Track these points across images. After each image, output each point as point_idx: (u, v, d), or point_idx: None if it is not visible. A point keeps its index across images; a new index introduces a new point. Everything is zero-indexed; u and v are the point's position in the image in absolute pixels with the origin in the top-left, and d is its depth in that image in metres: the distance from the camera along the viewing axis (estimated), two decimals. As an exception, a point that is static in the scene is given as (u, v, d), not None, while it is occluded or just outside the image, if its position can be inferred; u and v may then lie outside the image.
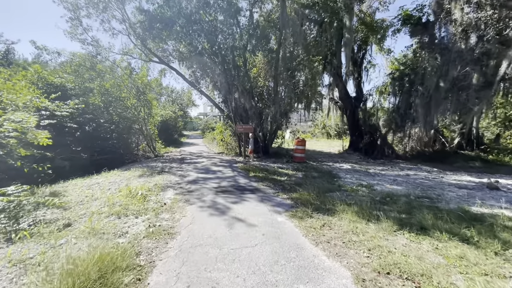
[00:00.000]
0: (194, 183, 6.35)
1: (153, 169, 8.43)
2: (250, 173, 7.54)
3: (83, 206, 4.54)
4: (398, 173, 8.53)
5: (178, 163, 9.90)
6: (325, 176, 7.57)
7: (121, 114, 12.29)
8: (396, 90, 11.94)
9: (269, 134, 12.50)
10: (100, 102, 11.81)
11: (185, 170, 8.17)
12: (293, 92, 10.68)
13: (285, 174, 7.69)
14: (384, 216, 3.89)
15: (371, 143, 13.29)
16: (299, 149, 10.75)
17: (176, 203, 4.81)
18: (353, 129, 14.44)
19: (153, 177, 7.04)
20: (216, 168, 8.44)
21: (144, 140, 13.95)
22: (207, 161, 10.25)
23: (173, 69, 13.38)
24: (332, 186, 6.17)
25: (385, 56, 15.33)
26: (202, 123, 36.60)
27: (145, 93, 12.53)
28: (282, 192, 5.64)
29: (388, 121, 12.87)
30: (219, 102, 13.75)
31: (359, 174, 8.18)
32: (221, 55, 10.48)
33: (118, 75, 12.43)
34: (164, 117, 19.51)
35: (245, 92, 11.31)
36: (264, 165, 9.39)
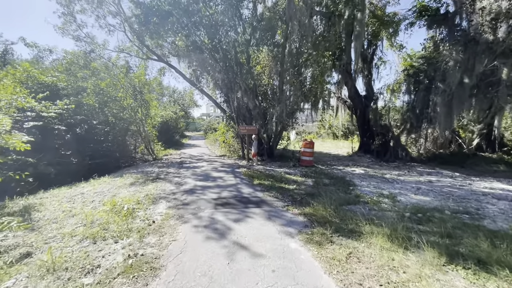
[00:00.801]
0: (191, 193, 5.58)
1: (148, 175, 7.69)
2: (254, 180, 6.75)
3: (55, 226, 3.79)
4: (418, 179, 7.68)
5: (176, 168, 9.15)
6: (338, 183, 6.75)
7: (117, 115, 11.59)
8: (411, 87, 11.06)
9: (274, 135, 11.70)
10: (94, 103, 11.12)
11: (182, 177, 7.41)
12: (300, 90, 9.87)
13: (293, 181, 6.88)
14: (423, 241, 3.08)
15: (383, 145, 12.42)
16: (307, 152, 9.94)
17: (168, 220, 4.04)
18: (363, 129, 13.57)
19: (145, 186, 6.29)
20: (216, 174, 7.66)
21: (142, 143, 13.24)
22: (207, 166, 9.48)
23: (172, 67, 12.67)
24: (349, 197, 5.35)
25: (396, 52, 14.43)
26: (205, 124, 35.90)
27: (143, 93, 11.82)
28: (292, 205, 4.84)
29: (402, 121, 11.99)
30: (221, 102, 13.00)
31: (376, 181, 7.34)
32: (222, 50, 9.72)
33: (114, 73, 11.73)
34: (165, 117, 18.82)
35: (248, 91, 10.53)
36: (269, 170, 8.60)
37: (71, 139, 8.79)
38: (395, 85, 13.36)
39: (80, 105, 10.17)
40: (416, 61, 11.94)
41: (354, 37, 9.81)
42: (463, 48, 8.09)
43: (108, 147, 10.12)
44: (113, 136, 11.01)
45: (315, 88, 10.57)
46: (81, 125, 9.21)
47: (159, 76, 14.92)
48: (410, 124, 11.25)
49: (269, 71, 11.81)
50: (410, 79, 10.93)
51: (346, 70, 12.15)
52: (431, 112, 10.23)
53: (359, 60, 11.37)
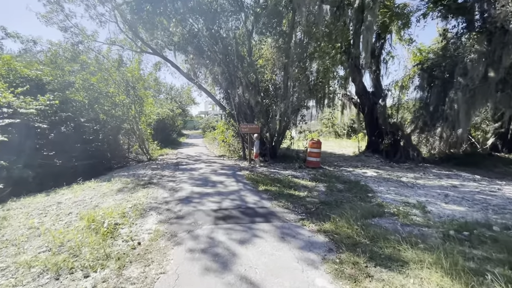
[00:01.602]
0: (187, 203, 4.79)
1: (139, 179, 6.88)
2: (259, 185, 5.96)
3: (12, 251, 2.99)
4: (440, 183, 6.93)
5: (171, 170, 8.34)
6: (354, 188, 5.99)
7: (109, 112, 10.75)
8: (425, 83, 10.29)
9: (278, 134, 10.92)
10: (84, 99, 10.28)
11: (178, 181, 6.61)
12: (307, 84, 9.07)
13: (303, 186, 6.10)
14: (490, 275, 2.31)
15: (393, 145, 11.66)
16: (314, 152, 9.17)
17: (157, 240, 3.26)
18: (371, 128, 12.81)
19: (135, 193, 5.49)
20: (216, 178, 6.86)
21: (136, 142, 12.41)
22: (206, 167, 8.69)
23: (167, 60, 11.82)
24: (371, 207, 4.58)
25: (405, 46, 13.69)
26: (203, 122, 35.04)
27: (136, 88, 10.97)
28: (307, 218, 4.06)
29: (413, 119, 11.24)
30: (220, 98, 12.17)
31: (394, 185, 6.58)
32: (221, 41, 8.89)
33: (105, 67, 10.87)
34: (161, 115, 17.95)
35: (250, 86, 9.72)
36: (274, 173, 7.82)
37: (56, 138, 7.96)
38: (405, 81, 12.63)
39: (66, 101, 9.33)
40: (433, 52, 11.19)
41: (365, 27, 9.01)
42: (488, 38, 7.33)
43: (98, 147, 9.30)
44: (104, 135, 10.18)
45: (323, 83, 9.78)
46: (67, 123, 8.37)
47: (154, 71, 14.07)
48: (423, 122, 10.50)
49: (272, 66, 11.01)
50: (424, 73, 10.17)
51: (355, 64, 11.36)
52: (447, 109, 9.48)
53: (369, 53, 10.56)
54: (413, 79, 12.56)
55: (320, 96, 10.88)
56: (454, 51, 8.70)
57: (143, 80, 13.31)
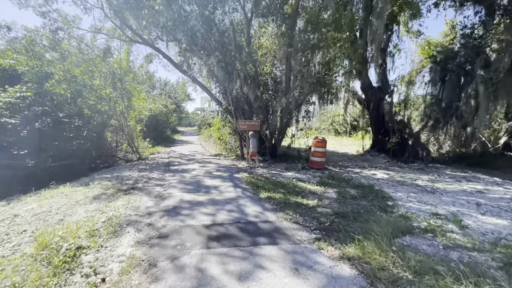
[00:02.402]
0: (174, 215, 3.95)
1: (123, 182, 6.01)
2: (260, 191, 5.14)
3: None
4: (462, 188, 6.19)
5: (161, 171, 7.48)
6: (368, 194, 5.21)
7: (94, 107, 9.82)
8: (437, 77, 9.53)
9: (278, 132, 10.10)
10: (66, 92, 9.33)
11: (166, 185, 5.75)
12: (313, 77, 8.24)
13: (310, 192, 5.30)
14: None
15: (401, 143, 10.92)
16: (319, 152, 8.38)
17: (128, 274, 2.42)
18: (377, 125, 12.06)
19: (114, 201, 4.63)
20: (210, 182, 6.02)
21: (126, 139, 11.49)
22: (199, 169, 7.84)
23: (159, 51, 10.87)
24: (396, 220, 3.79)
25: (413, 39, 12.90)
26: (199, 119, 34.06)
27: (124, 81, 10.04)
28: (323, 237, 3.25)
29: (423, 116, 10.51)
30: (216, 93, 11.29)
31: (412, 190, 5.82)
32: (216, 28, 7.99)
33: (90, 57, 9.91)
34: (153, 111, 16.99)
35: (248, 79, 8.86)
36: (276, 175, 7.01)
37: (29, 135, 7.03)
38: (412, 75, 11.89)
39: (43, 94, 8.37)
40: (441, 46, 10.42)
41: (375, 15, 8.20)
42: (515, 25, 6.56)
43: (80, 145, 8.38)
44: (88, 131, 9.24)
45: (328, 76, 8.96)
46: (42, 118, 7.43)
47: (146, 63, 13.10)
48: (435, 120, 9.77)
49: (272, 58, 10.15)
50: (436, 67, 9.40)
51: (362, 56, 10.55)
52: (462, 105, 8.75)
53: (378, 45, 9.76)
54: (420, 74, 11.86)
55: (324, 91, 10.06)
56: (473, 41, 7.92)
57: (133, 73, 12.37)
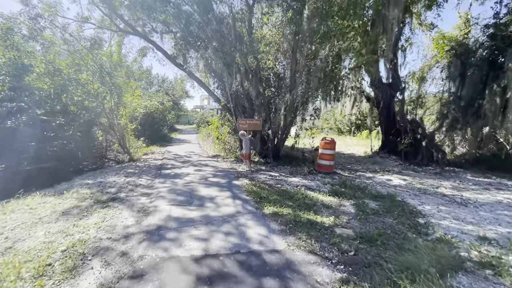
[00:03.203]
0: (157, 240, 3.12)
1: (104, 190, 5.18)
2: (264, 205, 4.31)
3: None
4: (496, 198, 5.37)
5: (151, 176, 6.65)
6: (392, 208, 4.39)
7: (81, 103, 8.96)
8: (457, 72, 8.68)
9: (281, 132, 9.27)
10: (49, 87, 8.47)
11: (154, 195, 4.92)
12: (322, 71, 7.40)
13: (324, 205, 4.47)
14: None
15: (413, 144, 10.10)
16: (327, 154, 7.56)
17: None
18: (387, 125, 11.23)
19: (86, 217, 3.81)
20: (205, 191, 5.18)
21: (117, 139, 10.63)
22: (194, 173, 7.00)
23: (152, 43, 10.00)
24: (435, 247, 2.97)
25: (426, 32, 12.03)
26: (198, 117, 33.14)
27: (113, 75, 9.18)
28: (351, 279, 2.42)
29: (440, 116, 9.67)
30: (214, 88, 10.43)
31: (439, 201, 5.01)
32: (214, 16, 7.11)
33: (76, 49, 9.04)
34: (149, 108, 16.12)
35: (250, 73, 8.01)
36: (281, 181, 6.18)
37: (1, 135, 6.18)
38: (424, 71, 11.07)
39: (22, 89, 7.51)
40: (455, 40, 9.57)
41: (394, 2, 7.32)
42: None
43: (62, 145, 7.54)
44: (74, 130, 8.39)
45: (338, 70, 8.12)
46: (17, 116, 6.58)
47: (139, 57, 12.21)
48: (453, 119, 8.93)
49: (275, 51, 9.29)
50: (456, 61, 8.55)
51: (373, 50, 9.69)
52: (486, 103, 7.92)
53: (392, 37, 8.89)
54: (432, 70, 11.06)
55: (331, 87, 9.22)
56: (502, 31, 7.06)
57: (125, 67, 11.51)
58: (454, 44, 9.82)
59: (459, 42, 9.69)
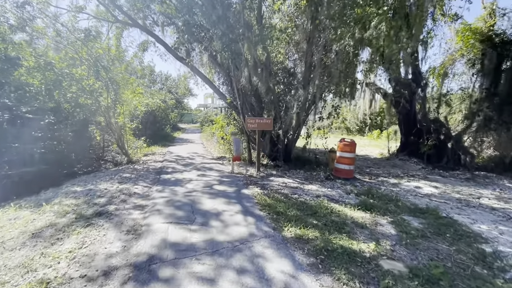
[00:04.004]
0: (146, 280, 2.31)
1: (91, 201, 4.40)
2: (283, 224, 3.48)
3: None
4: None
5: (148, 182, 5.87)
6: (441, 228, 3.54)
7: (72, 100, 8.22)
8: (492, 66, 7.74)
9: (293, 131, 8.43)
10: (40, 83, 7.76)
11: (149, 208, 4.12)
12: (344, 63, 6.54)
13: (356, 224, 3.62)
14: None
15: (438, 146, 9.17)
16: (346, 158, 6.71)
17: None
18: (407, 125, 10.31)
19: (61, 240, 3.03)
20: (210, 204, 4.36)
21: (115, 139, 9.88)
22: (197, 179, 6.20)
23: (152, 34, 9.20)
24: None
25: (448, 24, 11.06)
26: (201, 116, 32.42)
27: (109, 70, 8.42)
28: None
29: (469, 114, 8.73)
30: (219, 84, 9.62)
31: (493, 218, 4.13)
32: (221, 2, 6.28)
33: (70, 41, 8.30)
34: (150, 106, 15.38)
35: (259, 66, 7.18)
36: (296, 189, 5.35)
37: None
38: (445, 65, 10.15)
39: (7, 84, 6.79)
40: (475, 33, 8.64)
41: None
42: None
43: (51, 146, 6.81)
44: (65, 130, 7.67)
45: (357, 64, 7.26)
46: None
47: (140, 52, 11.43)
48: (487, 118, 8.00)
49: (286, 43, 8.44)
50: (492, 52, 7.61)
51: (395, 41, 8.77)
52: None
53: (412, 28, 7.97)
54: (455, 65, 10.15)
55: (349, 82, 8.35)
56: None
57: (125, 62, 10.76)
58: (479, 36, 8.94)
59: (485, 34, 8.81)
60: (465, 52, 9.70)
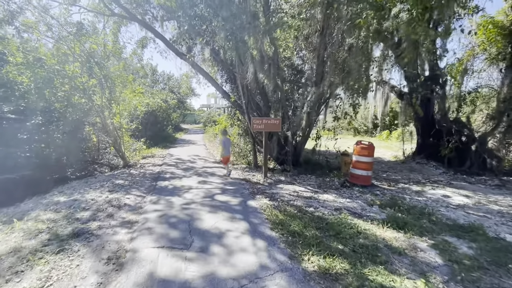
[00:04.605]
0: None
1: (73, 215, 3.76)
2: (302, 252, 2.78)
3: None
4: None
5: (143, 191, 5.22)
6: (496, 255, 2.82)
7: (63, 99, 7.62)
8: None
9: (303, 133, 7.74)
10: (29, 80, 7.19)
11: (139, 226, 3.46)
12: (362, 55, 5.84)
13: (390, 250, 2.92)
14: None
15: (460, 149, 8.40)
16: (364, 162, 6.00)
17: None
18: (425, 125, 9.55)
19: (22, 274, 2.38)
20: (211, 221, 3.68)
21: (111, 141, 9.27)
22: (197, 187, 5.54)
23: (150, 29, 8.57)
24: None
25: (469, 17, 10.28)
26: (204, 116, 31.82)
27: (103, 66, 7.81)
28: None
29: (496, 114, 7.96)
30: (222, 82, 8.95)
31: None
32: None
33: (62, 35, 7.72)
34: (151, 106, 14.77)
35: (266, 61, 6.50)
36: (311, 200, 4.65)
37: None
38: (464, 61, 9.39)
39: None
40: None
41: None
42: None
43: (38, 150, 6.20)
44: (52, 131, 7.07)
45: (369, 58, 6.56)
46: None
47: (139, 48, 10.82)
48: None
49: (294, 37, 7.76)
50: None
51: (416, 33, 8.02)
52: None
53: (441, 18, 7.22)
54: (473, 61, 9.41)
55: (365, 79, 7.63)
56: None
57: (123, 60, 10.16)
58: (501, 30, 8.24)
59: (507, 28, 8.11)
60: (487, 47, 8.98)
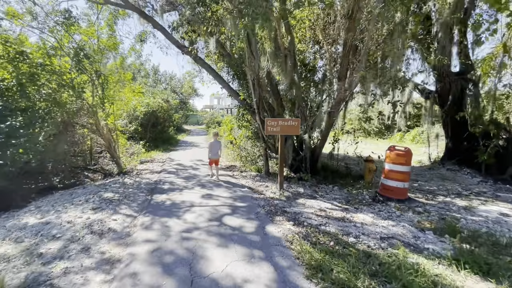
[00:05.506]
0: None
1: (34, 251, 2.79)
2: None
3: None
4: None
5: (134, 209, 4.26)
6: None
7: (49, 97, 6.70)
8: None
9: (322, 136, 6.73)
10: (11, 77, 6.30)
11: (120, 270, 2.48)
12: (402, 43, 4.84)
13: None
14: None
15: (499, 154, 7.35)
16: (400, 172, 4.99)
17: None
18: (455, 127, 8.50)
19: None
20: (220, 261, 2.68)
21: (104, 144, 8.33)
22: (201, 202, 4.57)
23: (148, 18, 7.64)
24: None
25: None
26: (207, 117, 30.92)
27: (92, 59, 6.89)
28: None
29: (546, 114, 6.91)
30: (229, 78, 7.98)
31: None
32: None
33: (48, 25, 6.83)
34: (151, 107, 13.85)
35: (280, 53, 5.52)
36: (347, 226, 3.65)
37: None
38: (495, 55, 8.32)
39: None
40: None
41: None
42: None
43: (13, 156, 5.28)
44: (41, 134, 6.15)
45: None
46: None
47: (137, 43, 9.91)
48: None
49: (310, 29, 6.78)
50: None
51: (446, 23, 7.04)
52: None
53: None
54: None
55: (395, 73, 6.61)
56: None
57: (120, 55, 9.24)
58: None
59: None
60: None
